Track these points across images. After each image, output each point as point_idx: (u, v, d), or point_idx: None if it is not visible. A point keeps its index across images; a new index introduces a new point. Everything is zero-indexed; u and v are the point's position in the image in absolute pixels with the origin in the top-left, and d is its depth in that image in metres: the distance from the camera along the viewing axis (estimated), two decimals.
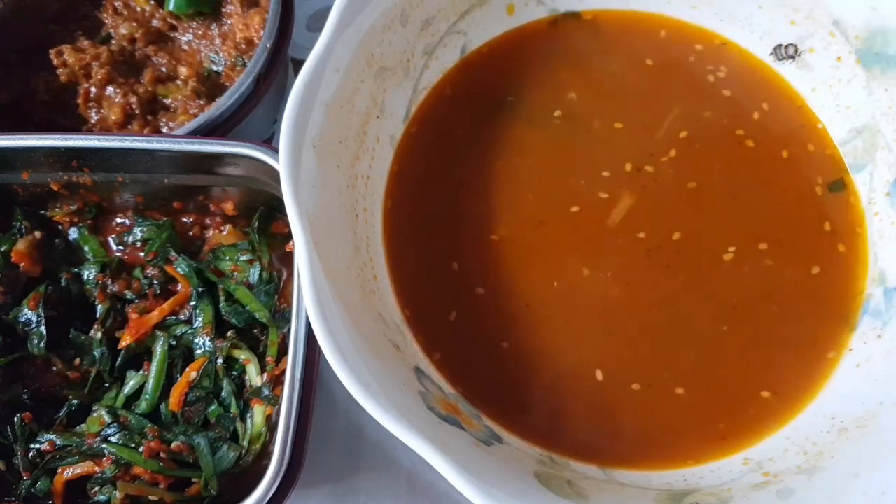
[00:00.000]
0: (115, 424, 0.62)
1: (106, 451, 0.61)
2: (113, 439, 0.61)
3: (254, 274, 0.67)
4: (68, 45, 0.74)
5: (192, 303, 0.66)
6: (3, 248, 0.67)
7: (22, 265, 0.67)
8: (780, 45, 0.69)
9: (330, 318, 0.50)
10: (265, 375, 0.63)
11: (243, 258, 0.67)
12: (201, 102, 0.73)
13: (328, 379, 0.68)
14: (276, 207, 0.67)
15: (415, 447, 0.46)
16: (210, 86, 0.75)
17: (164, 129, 0.72)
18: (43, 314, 0.65)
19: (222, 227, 0.70)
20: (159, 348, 0.65)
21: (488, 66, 0.71)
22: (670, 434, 0.60)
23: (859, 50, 0.65)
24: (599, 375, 0.61)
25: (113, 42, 0.76)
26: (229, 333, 0.65)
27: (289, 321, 0.59)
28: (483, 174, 0.67)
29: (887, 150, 0.65)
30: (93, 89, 0.73)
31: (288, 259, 0.67)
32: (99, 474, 0.60)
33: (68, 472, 0.61)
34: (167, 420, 0.63)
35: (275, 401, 0.62)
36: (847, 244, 0.65)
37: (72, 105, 0.74)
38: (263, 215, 0.68)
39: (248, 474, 0.60)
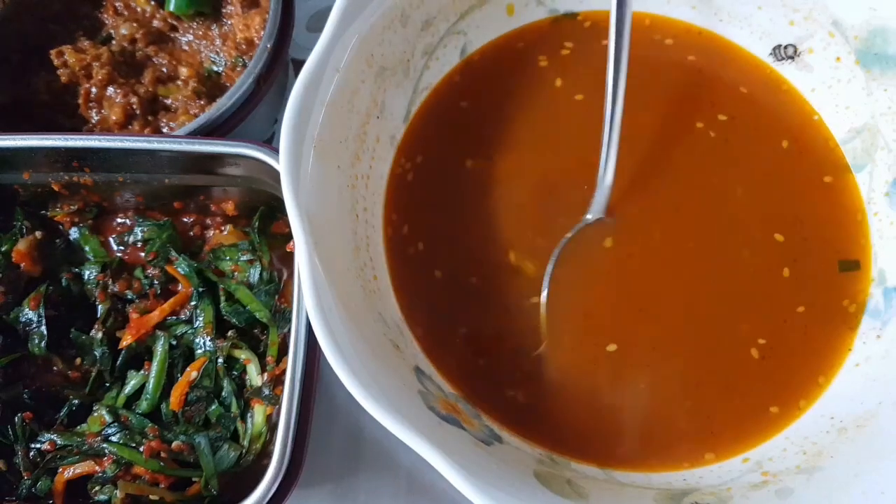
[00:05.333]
0: (116, 424, 0.62)
1: (106, 451, 0.61)
2: (114, 439, 0.61)
3: (254, 274, 0.67)
4: (69, 46, 0.74)
5: (193, 303, 0.66)
6: (3, 248, 0.67)
7: (23, 265, 0.67)
8: (780, 46, 0.69)
9: (330, 318, 0.50)
10: (265, 375, 0.63)
11: (244, 258, 0.68)
12: (202, 103, 0.73)
13: (328, 379, 0.68)
14: (276, 207, 0.67)
15: (415, 447, 0.46)
16: (210, 86, 0.75)
17: (164, 130, 0.72)
18: (43, 314, 0.65)
19: (223, 227, 0.70)
20: (160, 348, 0.65)
21: (489, 66, 0.71)
22: (671, 435, 0.60)
23: (858, 50, 0.65)
24: (600, 375, 0.61)
25: (113, 42, 0.76)
26: (230, 333, 0.65)
27: (289, 321, 0.59)
28: (483, 174, 0.67)
29: (887, 151, 0.65)
30: (93, 89, 0.73)
31: (288, 259, 0.67)
32: (99, 474, 0.60)
33: (69, 472, 0.61)
34: (168, 420, 0.64)
35: (275, 400, 0.62)
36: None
37: (72, 105, 0.74)
38: (264, 215, 0.68)
39: (249, 474, 0.60)
